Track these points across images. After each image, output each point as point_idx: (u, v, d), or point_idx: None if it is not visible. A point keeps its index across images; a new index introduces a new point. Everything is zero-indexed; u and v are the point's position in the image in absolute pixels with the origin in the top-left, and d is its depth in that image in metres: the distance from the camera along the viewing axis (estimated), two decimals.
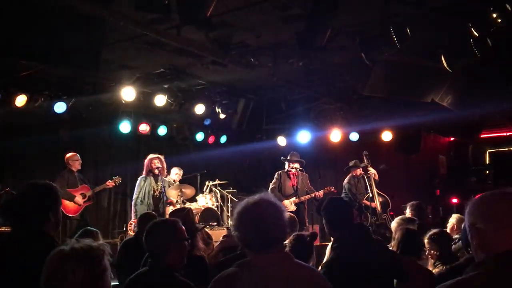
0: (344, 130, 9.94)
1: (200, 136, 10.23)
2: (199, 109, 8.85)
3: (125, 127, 8.73)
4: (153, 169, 7.83)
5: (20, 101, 7.15)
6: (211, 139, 10.40)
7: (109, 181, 8.33)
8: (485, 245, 1.66)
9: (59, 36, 4.80)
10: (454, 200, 10.70)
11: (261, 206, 2.14)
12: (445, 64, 6.09)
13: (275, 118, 10.00)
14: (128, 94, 7.74)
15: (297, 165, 8.58)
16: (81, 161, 8.05)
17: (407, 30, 5.34)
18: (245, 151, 10.82)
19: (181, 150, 10.31)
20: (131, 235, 6.90)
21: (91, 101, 8.04)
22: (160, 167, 7.82)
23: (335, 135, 9.93)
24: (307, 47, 5.54)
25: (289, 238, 3.44)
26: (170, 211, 6.10)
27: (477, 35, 5.54)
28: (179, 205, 7.89)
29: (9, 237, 2.70)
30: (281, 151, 9.65)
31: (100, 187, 8.33)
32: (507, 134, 11.58)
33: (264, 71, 7.35)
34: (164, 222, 3.19)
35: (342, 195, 8.94)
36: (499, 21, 5.23)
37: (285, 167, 8.66)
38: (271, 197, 2.23)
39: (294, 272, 2.14)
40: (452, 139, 11.97)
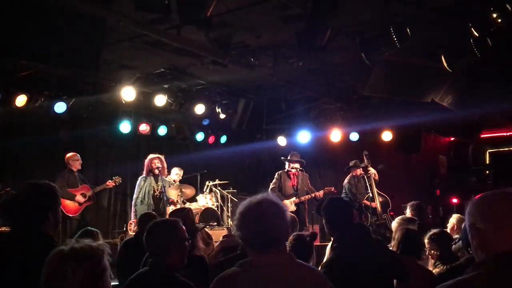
0: (344, 130, 9.94)
1: (200, 136, 10.23)
2: (199, 109, 8.85)
3: (125, 127, 8.73)
4: (153, 169, 7.82)
5: (20, 101, 7.16)
6: (211, 139, 10.40)
7: (109, 181, 8.32)
8: (485, 245, 1.66)
9: (59, 36, 4.80)
10: (454, 200, 10.70)
11: (263, 206, 2.14)
12: (445, 64, 6.08)
13: (275, 118, 10.00)
14: (128, 94, 7.74)
15: (297, 165, 8.57)
16: (81, 161, 8.04)
17: (407, 30, 5.34)
18: (245, 151, 10.81)
19: (181, 150, 10.31)
20: (131, 235, 6.90)
21: (91, 101, 8.04)
22: (161, 167, 7.81)
23: (335, 135, 9.92)
24: (307, 47, 5.54)
25: (289, 238, 3.43)
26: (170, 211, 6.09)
27: (477, 35, 5.54)
28: (179, 205, 7.89)
29: (8, 237, 2.70)
30: (281, 151, 9.65)
31: (100, 187, 8.33)
32: (507, 134, 11.58)
33: (264, 71, 7.34)
34: (165, 222, 3.18)
35: (342, 195, 8.93)
36: (499, 21, 5.23)
37: (285, 167, 8.66)
38: (273, 197, 2.22)
39: (296, 273, 2.13)
40: (452, 139, 11.98)
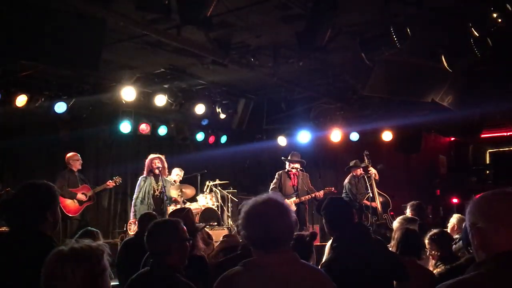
0: (344, 130, 9.94)
1: (200, 136, 10.24)
2: (199, 109, 8.85)
3: (125, 127, 8.73)
4: (154, 169, 7.81)
5: (20, 101, 7.16)
6: (211, 139, 10.40)
7: (109, 181, 8.32)
8: (486, 245, 1.66)
9: (59, 36, 4.79)
10: (455, 200, 10.70)
11: (268, 206, 2.13)
12: (445, 64, 6.08)
13: (275, 118, 10.00)
14: (128, 94, 7.74)
15: (297, 165, 8.58)
16: (81, 161, 8.04)
17: (407, 30, 5.34)
18: (245, 151, 10.81)
19: (181, 150, 10.31)
20: (131, 235, 6.90)
21: (91, 101, 8.03)
22: (161, 167, 7.80)
23: (335, 135, 9.92)
24: (307, 47, 5.53)
25: None
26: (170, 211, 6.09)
27: (477, 35, 5.54)
28: (179, 205, 7.89)
29: (7, 237, 2.70)
30: (281, 151, 9.65)
31: (101, 187, 8.33)
32: (507, 134, 11.59)
33: (264, 71, 7.34)
34: (166, 222, 3.17)
35: (343, 195, 8.94)
36: (499, 21, 5.23)
37: (286, 167, 8.66)
38: (278, 197, 2.22)
39: (299, 273, 2.13)
40: (452, 139, 11.97)
